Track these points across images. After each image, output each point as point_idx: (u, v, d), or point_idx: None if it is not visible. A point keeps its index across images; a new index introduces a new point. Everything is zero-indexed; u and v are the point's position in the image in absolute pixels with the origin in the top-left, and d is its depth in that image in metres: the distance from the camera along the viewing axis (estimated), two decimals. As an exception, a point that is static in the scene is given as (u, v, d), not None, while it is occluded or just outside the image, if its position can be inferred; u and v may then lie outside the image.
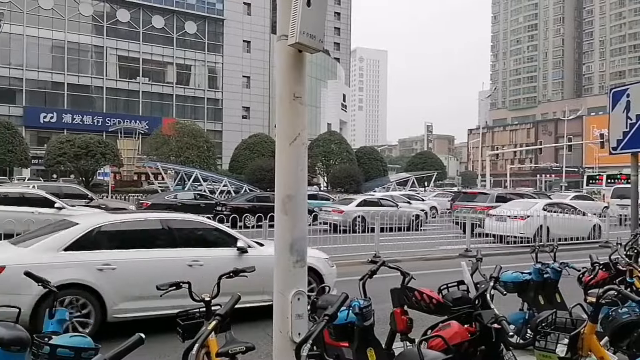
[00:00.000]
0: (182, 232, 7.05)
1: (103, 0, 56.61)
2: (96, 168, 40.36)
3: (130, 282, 6.23)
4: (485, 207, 18.92)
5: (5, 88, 49.93)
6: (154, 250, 6.64)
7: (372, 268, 3.85)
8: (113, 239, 6.55)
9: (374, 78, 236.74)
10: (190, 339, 3.32)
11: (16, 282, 5.38)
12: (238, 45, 63.04)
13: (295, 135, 3.25)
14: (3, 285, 5.61)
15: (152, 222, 7.11)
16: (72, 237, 6.29)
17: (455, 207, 20.48)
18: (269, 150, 47.58)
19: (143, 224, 7.05)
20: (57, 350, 2.47)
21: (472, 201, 20.65)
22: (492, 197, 20.54)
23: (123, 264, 6.27)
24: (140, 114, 57.37)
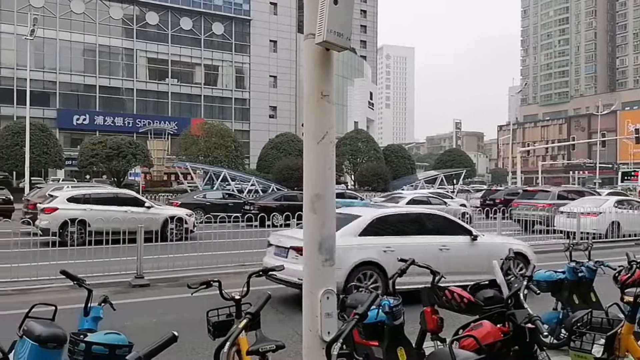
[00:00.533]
0: (432, 223, 8.77)
1: (132, 4, 57.63)
2: (127, 168, 41.20)
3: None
4: (547, 204, 19.22)
5: (39, 91, 51.26)
6: (416, 236, 8.29)
7: (401, 267, 3.81)
8: (388, 228, 8.31)
9: (401, 75, 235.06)
10: (220, 337, 3.35)
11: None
12: (265, 45, 63.39)
13: (323, 134, 3.24)
14: None
15: (411, 214, 9.10)
16: (363, 225, 8.05)
17: (515, 205, 20.57)
18: (296, 149, 47.73)
19: (406, 216, 8.93)
20: (92, 348, 2.52)
21: (532, 199, 21.11)
22: (554, 195, 21.03)
23: (398, 247, 7.65)
24: (170, 115, 58.24)
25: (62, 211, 14.12)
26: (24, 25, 42.42)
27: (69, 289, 8.62)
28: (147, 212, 14.85)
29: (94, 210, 14.06)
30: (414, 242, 8.09)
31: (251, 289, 3.57)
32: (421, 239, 8.26)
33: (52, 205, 14.89)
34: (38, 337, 2.87)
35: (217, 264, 10.89)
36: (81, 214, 13.11)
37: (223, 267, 10.78)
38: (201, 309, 6.56)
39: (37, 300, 3.88)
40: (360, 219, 8.20)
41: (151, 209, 15.44)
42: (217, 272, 10.23)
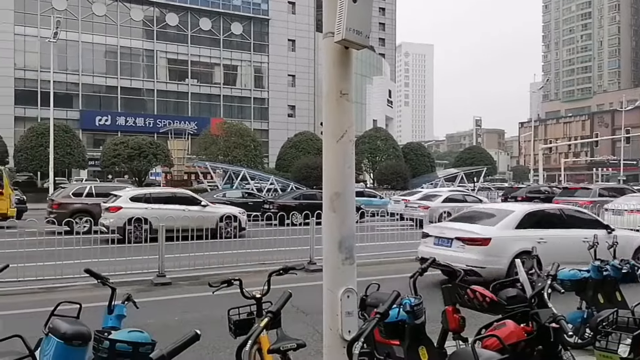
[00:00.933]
0: (572, 218, 9.76)
1: (153, 5, 58.27)
2: (148, 168, 41.73)
3: (553, 252, 7.75)
4: (588, 202, 19.10)
5: (62, 93, 52.18)
6: (562, 230, 9.28)
7: (422, 266, 3.79)
8: (538, 221, 9.32)
9: (420, 73, 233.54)
10: (241, 335, 3.37)
11: (499, 248, 8.63)
12: (283, 45, 63.56)
13: (342, 133, 3.24)
14: (491, 251, 8.58)
15: (555, 210, 10.22)
16: (518, 219, 9.09)
17: (555, 202, 20.43)
18: (314, 148, 47.77)
19: (551, 211, 10.06)
20: (116, 345, 2.55)
21: (572, 196, 21.35)
22: (595, 192, 21.29)
23: (550, 239, 8.83)
24: (189, 115, 58.77)
25: (126, 210, 14.88)
26: (47, 28, 43.22)
27: (92, 287, 8.76)
28: (202, 211, 15.40)
29: (154, 209, 14.84)
30: (561, 235, 9.07)
31: (272, 287, 3.59)
32: (566, 232, 9.19)
33: (116, 204, 15.61)
34: (63, 335, 2.92)
35: (237, 262, 10.96)
36: (143, 213, 13.80)
37: (243, 265, 10.85)
38: (222, 308, 6.61)
39: (62, 298, 3.95)
40: (514, 213, 9.33)
41: (206, 208, 16.05)
42: (238, 270, 10.30)
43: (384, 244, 13.62)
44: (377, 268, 11.06)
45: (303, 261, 10.47)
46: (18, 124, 50.31)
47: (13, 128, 49.17)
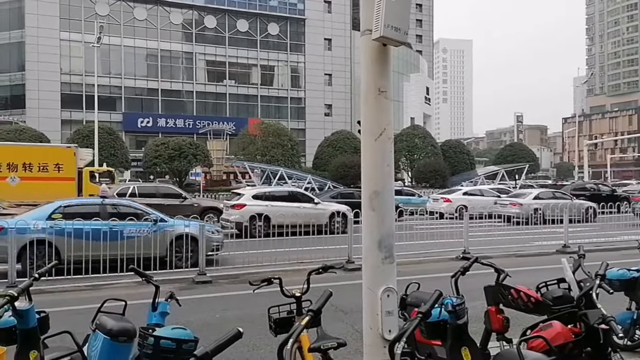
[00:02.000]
0: None
1: (192, 9, 59.36)
2: (188, 168, 42.54)
3: None
4: None
5: (106, 96, 53.77)
6: None
7: (464, 265, 3.72)
8: None
9: (458, 69, 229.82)
10: (282, 333, 3.38)
11: None
12: (319, 44, 63.68)
13: (381, 131, 3.21)
14: None
15: None
16: None
17: (636, 199, 19.99)
18: (351, 147, 47.65)
19: None
20: (161, 342, 2.61)
21: None
22: None
23: None
24: (228, 116, 59.59)
25: (249, 207, 16.34)
26: (90, 33, 44.68)
27: (136, 284, 9.01)
28: (315, 208, 16.77)
29: (275, 206, 16.20)
30: None
31: (311, 286, 3.59)
32: None
33: (240, 202, 17.03)
34: (109, 331, 3.00)
35: (275, 261, 11.05)
36: (264, 210, 15.52)
37: (281, 264, 10.93)
38: (261, 306, 6.68)
39: (107, 295, 4.07)
40: None
41: (318, 205, 17.28)
42: (276, 269, 10.39)
43: (423, 243, 13.47)
44: (416, 267, 10.95)
45: (342, 260, 10.46)
46: (64, 126, 52.13)
47: (60, 131, 50.98)
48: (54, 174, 21.09)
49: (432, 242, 13.49)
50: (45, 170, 21.10)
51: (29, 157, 21.27)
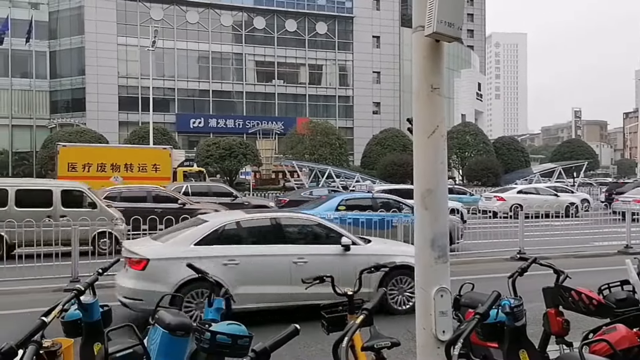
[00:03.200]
0: None
1: (241, 10, 60.36)
2: (238, 168, 43.34)
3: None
4: None
5: (160, 98, 55.42)
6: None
7: (522, 265, 3.61)
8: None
9: (511, 64, 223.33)
10: (334, 331, 3.40)
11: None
12: (368, 42, 63.35)
13: (434, 128, 3.17)
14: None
15: None
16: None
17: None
18: (400, 145, 47.24)
19: None
20: (217, 337, 2.68)
21: None
22: None
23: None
24: (277, 115, 60.23)
25: None
26: (146, 37, 46.16)
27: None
28: None
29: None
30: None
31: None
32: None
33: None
34: (168, 325, 3.11)
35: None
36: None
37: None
38: (312, 304, 6.71)
39: (165, 291, 4.19)
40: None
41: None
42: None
43: (476, 243, 13.20)
44: (469, 267, 10.74)
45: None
46: (122, 128, 54.17)
47: (117, 132, 53.03)
48: (151, 174, 22.41)
49: (485, 241, 13.19)
50: (144, 170, 22.41)
51: (130, 158, 22.66)
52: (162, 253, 6.70)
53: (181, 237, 7.02)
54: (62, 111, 57.08)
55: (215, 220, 7.37)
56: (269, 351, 1.81)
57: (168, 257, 6.56)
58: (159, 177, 22.38)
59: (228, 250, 6.82)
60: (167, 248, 6.82)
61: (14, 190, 12.90)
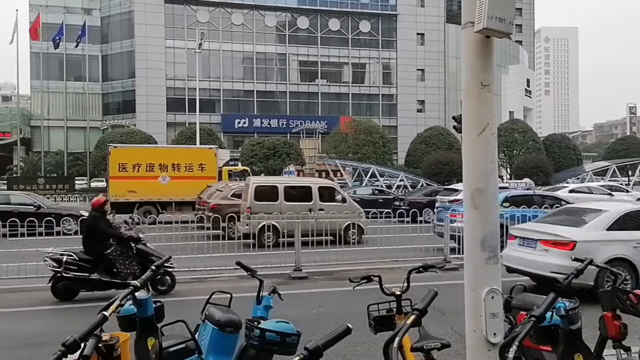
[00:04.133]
0: None
1: (285, 11, 60.84)
2: (282, 167, 43.75)
3: None
4: None
5: (206, 99, 56.57)
6: None
7: (577, 267, 3.50)
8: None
9: (562, 59, 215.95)
10: (381, 331, 3.38)
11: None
12: (412, 39, 62.62)
13: (484, 126, 3.10)
14: None
15: None
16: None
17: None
18: (445, 143, 46.53)
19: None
20: (266, 334, 2.71)
21: None
22: None
23: None
24: (320, 115, 60.40)
25: None
26: (192, 40, 47.25)
27: (237, 278, 9.43)
28: None
29: None
30: None
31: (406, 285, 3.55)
32: None
33: None
34: (218, 322, 3.17)
35: (370, 259, 11.04)
36: None
37: (375, 262, 10.91)
38: (356, 303, 6.70)
39: (212, 288, 4.29)
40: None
41: None
42: (370, 267, 10.39)
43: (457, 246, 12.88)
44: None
45: (440, 259, 10.26)
46: (169, 128, 55.62)
47: (165, 133, 54.48)
48: (198, 173, 22.89)
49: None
50: (190, 170, 22.95)
51: (177, 158, 23.26)
52: (586, 236, 8.07)
53: (593, 224, 8.34)
54: (114, 113, 59.20)
55: (616, 209, 8.77)
56: (321, 349, 1.82)
57: (591, 240, 7.97)
58: (205, 176, 22.82)
59: (637, 234, 8.09)
60: (586, 232, 8.21)
61: (283, 187, 14.83)
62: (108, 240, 8.32)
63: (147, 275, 3.06)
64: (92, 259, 8.19)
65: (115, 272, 8.16)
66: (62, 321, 7.38)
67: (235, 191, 17.45)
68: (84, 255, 8.24)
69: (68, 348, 2.00)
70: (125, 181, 22.02)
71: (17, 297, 8.60)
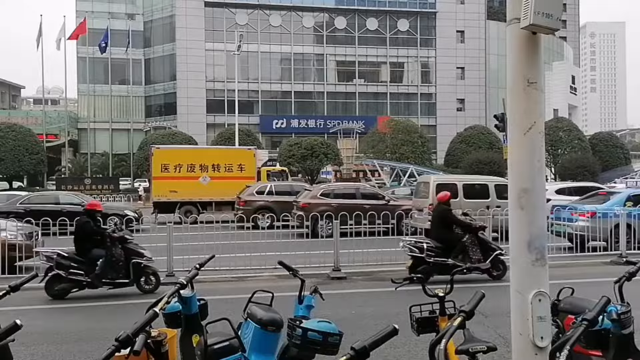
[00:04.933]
0: None
1: (323, 11, 60.98)
2: (320, 167, 43.85)
3: None
4: None
5: (245, 100, 57.32)
6: None
7: (630, 269, 3.36)
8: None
9: (609, 54, 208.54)
10: (424, 333, 3.34)
11: None
12: (451, 37, 61.71)
13: (530, 124, 3.02)
14: None
15: None
16: None
17: None
18: (486, 142, 45.68)
19: None
20: (308, 334, 2.73)
21: None
22: None
23: None
24: (357, 114, 60.27)
25: None
26: (231, 42, 47.93)
27: (276, 278, 9.51)
28: None
29: None
30: None
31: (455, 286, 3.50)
32: None
33: None
34: (260, 320, 3.21)
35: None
36: None
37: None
38: (396, 304, 6.66)
39: (252, 287, 4.33)
40: None
41: None
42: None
43: (571, 245, 12.48)
44: (563, 271, 10.18)
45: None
46: (209, 130, 56.58)
47: (205, 134, 55.46)
48: (237, 174, 23.30)
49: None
50: (230, 170, 23.38)
51: (216, 159, 23.75)
52: None
53: None
54: (156, 115, 60.72)
55: None
56: (367, 350, 1.81)
57: None
58: (244, 176, 23.11)
59: None
60: None
61: (462, 184, 15.63)
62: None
63: (192, 273, 3.12)
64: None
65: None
66: (105, 317, 7.62)
67: (323, 190, 17.97)
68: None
69: (121, 343, 2.06)
70: (167, 181, 22.52)
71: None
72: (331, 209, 14.86)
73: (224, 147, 36.07)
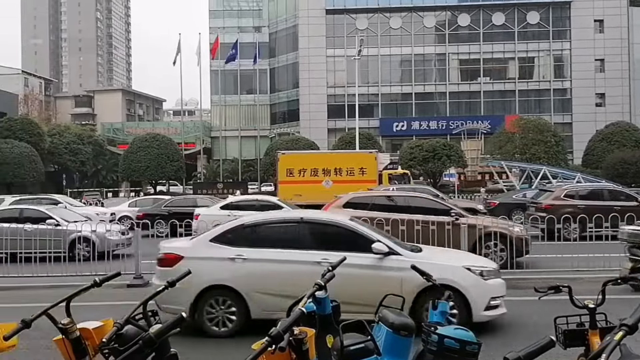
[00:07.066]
0: None
1: (445, 10, 59.46)
2: (442, 170, 42.73)
3: None
4: None
5: (365, 104, 57.64)
6: None
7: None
8: None
9: None
10: (572, 346, 3.08)
11: None
12: (588, 27, 56.72)
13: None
14: None
15: None
16: None
17: None
18: (631, 140, 41.54)
19: None
20: (445, 340, 2.63)
21: None
22: None
23: None
24: (482, 114, 57.79)
25: None
26: (351, 47, 48.58)
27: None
28: None
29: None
30: None
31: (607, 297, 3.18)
32: None
33: None
34: (392, 325, 3.16)
35: (549, 268, 10.20)
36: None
37: (554, 271, 10.05)
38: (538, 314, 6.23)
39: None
40: None
41: None
42: (548, 276, 9.59)
43: None
44: None
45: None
46: (330, 134, 57.79)
47: (326, 139, 56.74)
48: (358, 177, 23.65)
49: None
50: (351, 174, 23.84)
51: (339, 162, 24.36)
52: None
53: None
54: (280, 122, 63.51)
55: None
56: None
57: None
58: (366, 180, 23.18)
59: None
60: None
61: None
62: None
63: (329, 275, 3.17)
64: None
65: None
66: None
67: (567, 191, 17.82)
68: None
69: (273, 339, 2.13)
70: (292, 185, 23.34)
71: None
72: (578, 211, 13.91)
73: (346, 151, 36.64)
